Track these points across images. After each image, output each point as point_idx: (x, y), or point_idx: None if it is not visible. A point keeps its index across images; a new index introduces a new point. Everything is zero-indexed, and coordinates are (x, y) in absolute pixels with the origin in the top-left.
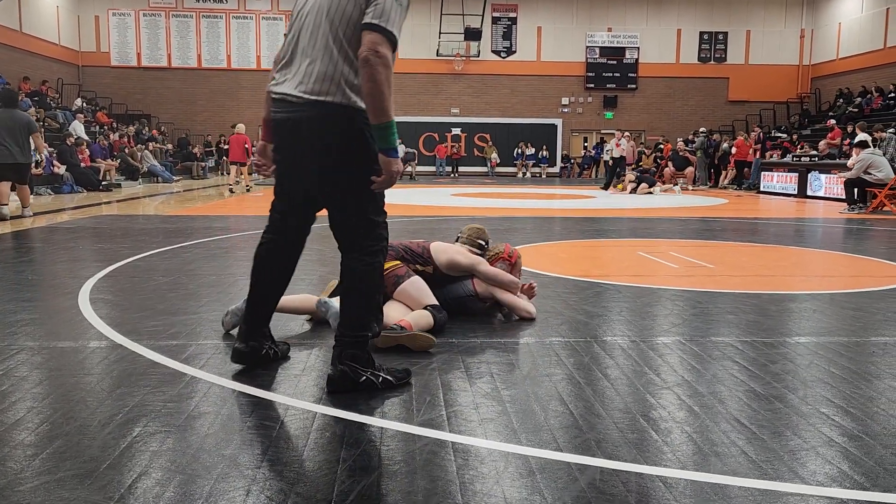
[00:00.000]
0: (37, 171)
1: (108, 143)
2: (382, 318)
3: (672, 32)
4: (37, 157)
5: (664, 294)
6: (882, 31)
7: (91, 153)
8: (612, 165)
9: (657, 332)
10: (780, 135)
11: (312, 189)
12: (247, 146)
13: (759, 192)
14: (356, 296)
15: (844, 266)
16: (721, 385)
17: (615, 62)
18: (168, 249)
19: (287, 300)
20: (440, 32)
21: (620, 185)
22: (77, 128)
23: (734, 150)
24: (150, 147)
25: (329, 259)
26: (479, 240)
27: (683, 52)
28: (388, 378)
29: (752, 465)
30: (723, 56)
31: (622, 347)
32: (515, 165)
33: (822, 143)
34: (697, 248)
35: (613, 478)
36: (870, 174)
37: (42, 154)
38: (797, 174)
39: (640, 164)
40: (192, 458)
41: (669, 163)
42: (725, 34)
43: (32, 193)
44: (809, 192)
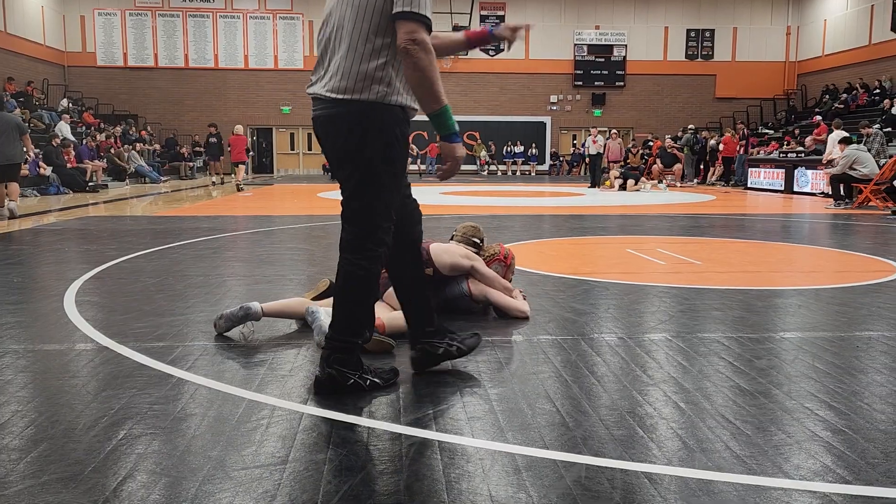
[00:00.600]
0: (23, 173)
1: (95, 144)
2: (374, 324)
3: (659, 30)
4: (24, 157)
5: (651, 291)
6: (867, 28)
7: (78, 154)
8: (590, 163)
9: (644, 329)
10: (767, 131)
11: (341, 183)
12: (247, 147)
13: (747, 189)
14: (349, 300)
15: (830, 261)
16: (707, 381)
17: (603, 60)
18: (155, 250)
19: (282, 304)
20: None
21: (608, 182)
22: (63, 129)
23: (721, 147)
24: (137, 147)
25: (318, 259)
26: (475, 238)
27: (671, 50)
28: (376, 381)
29: (737, 461)
30: (710, 53)
31: (609, 344)
32: (505, 164)
33: (809, 140)
34: (685, 245)
35: (599, 475)
36: (855, 170)
37: (30, 155)
38: (784, 170)
39: (628, 162)
40: (178, 461)
41: (657, 160)
42: (712, 31)
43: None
44: (796, 188)
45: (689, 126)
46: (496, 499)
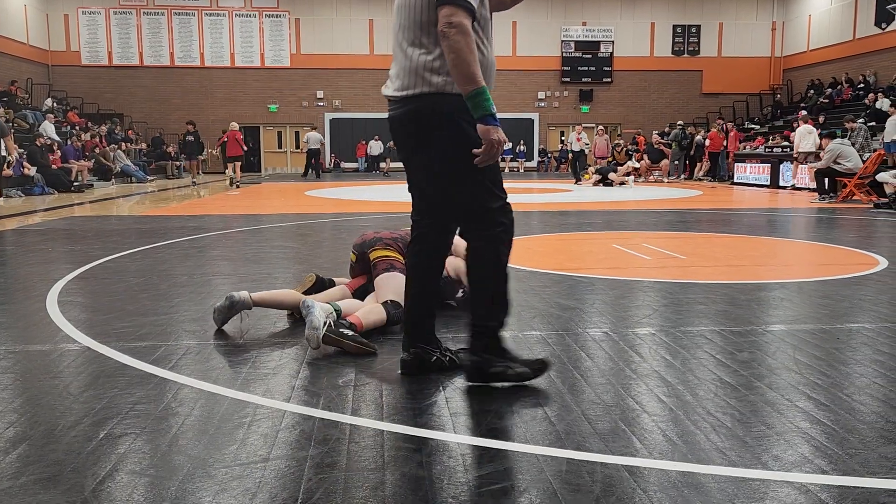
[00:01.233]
0: (7, 173)
1: (81, 144)
2: (509, 307)
3: (646, 26)
4: (8, 159)
5: (637, 286)
6: (851, 23)
7: (63, 154)
8: (572, 159)
9: (629, 324)
10: (753, 126)
11: (422, 182)
12: (237, 138)
13: (733, 184)
14: (480, 286)
15: (814, 255)
16: (690, 374)
17: (590, 56)
18: (140, 250)
19: (273, 294)
20: None
21: (587, 175)
22: (47, 128)
23: (708, 143)
24: (123, 147)
25: (305, 256)
26: None
27: (657, 46)
28: (524, 370)
29: (718, 453)
30: (696, 49)
31: (594, 339)
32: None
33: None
34: (671, 240)
35: (580, 468)
36: (839, 164)
37: (13, 156)
38: (769, 165)
39: (615, 158)
40: (160, 460)
41: (644, 155)
42: (698, 27)
43: (2, 196)
44: (782, 183)
45: (678, 122)
46: (477, 494)
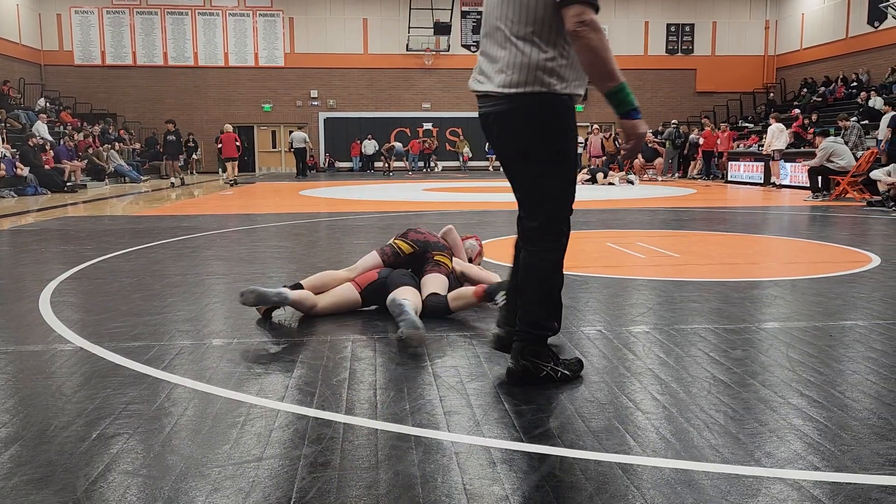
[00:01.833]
0: None
1: (74, 144)
2: (561, 314)
3: (640, 25)
4: None
5: (631, 284)
6: (843, 22)
7: (56, 154)
8: None
9: (623, 322)
10: (747, 124)
11: (522, 178)
12: (237, 143)
13: (727, 182)
14: (536, 292)
15: (807, 253)
16: (684, 372)
17: None
18: (133, 250)
19: (327, 298)
20: (409, 27)
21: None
22: (40, 128)
23: (701, 141)
24: (117, 147)
25: (299, 256)
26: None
27: (651, 44)
28: (566, 372)
29: (711, 450)
30: (690, 48)
31: (588, 337)
32: (488, 159)
33: (788, 132)
34: (665, 238)
35: (573, 466)
36: (832, 162)
37: None
38: (763, 163)
39: (608, 151)
40: (153, 460)
41: (638, 154)
42: (692, 26)
43: None
44: (775, 181)
45: (672, 121)
46: (471, 492)
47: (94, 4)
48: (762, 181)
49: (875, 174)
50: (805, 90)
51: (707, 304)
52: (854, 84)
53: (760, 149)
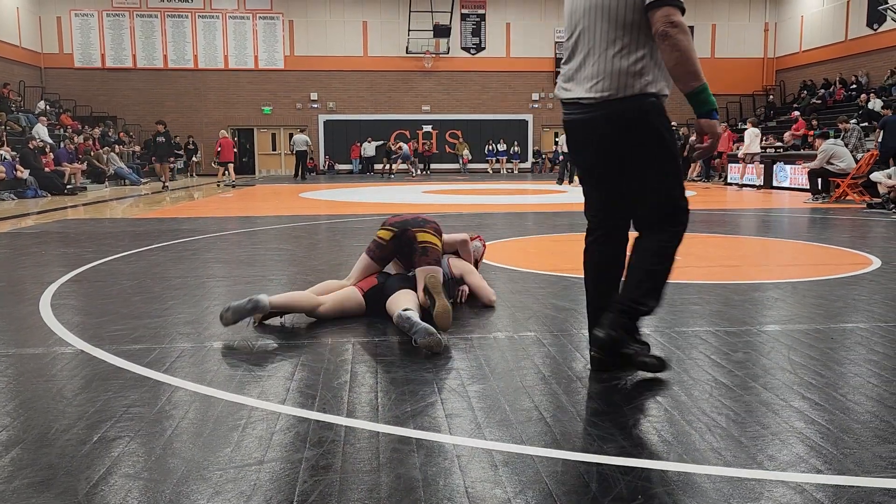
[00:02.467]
0: None
1: (74, 147)
2: (661, 300)
3: None
4: None
5: None
6: (843, 24)
7: (56, 157)
8: (563, 160)
9: None
10: (746, 127)
11: (616, 182)
12: (235, 150)
13: (727, 184)
14: (644, 273)
15: (807, 255)
16: (685, 375)
17: None
18: (134, 253)
19: (287, 297)
20: (409, 30)
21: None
22: (40, 131)
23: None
24: (117, 150)
25: (300, 259)
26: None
27: None
28: (646, 360)
29: (713, 453)
30: None
31: (589, 340)
32: (488, 162)
33: (787, 134)
34: None
35: (575, 469)
36: (832, 164)
37: None
38: (763, 165)
39: None
40: (154, 463)
41: None
42: (691, 28)
43: None
44: (775, 183)
45: (673, 123)
46: (472, 495)
47: (94, 7)
48: (762, 183)
49: (875, 176)
50: (804, 92)
51: (708, 307)
52: (853, 86)
53: (771, 152)
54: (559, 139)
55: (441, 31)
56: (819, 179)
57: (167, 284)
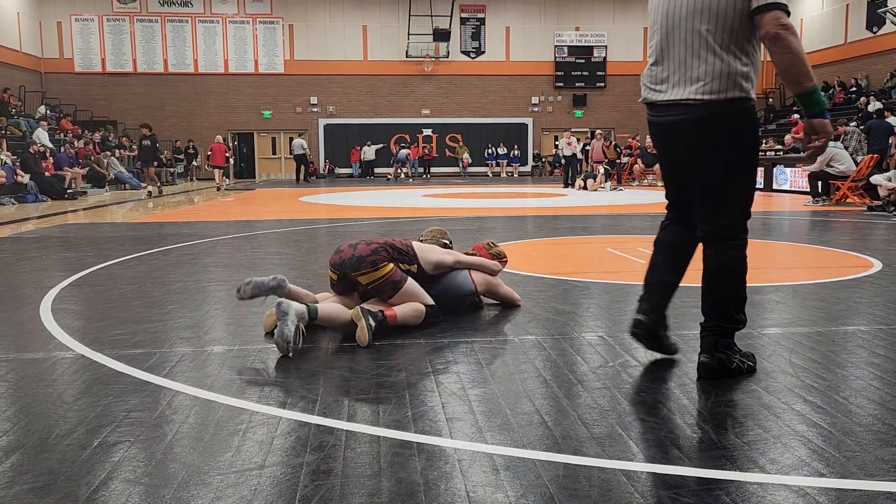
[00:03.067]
0: None
1: (74, 151)
2: (744, 308)
3: (639, 31)
4: None
5: (632, 290)
6: (842, 27)
7: (57, 161)
8: (565, 164)
9: (624, 328)
10: None
11: (704, 180)
12: (227, 154)
13: None
14: (724, 288)
15: (808, 257)
16: (686, 378)
17: (584, 61)
18: (134, 257)
19: (303, 291)
20: (409, 34)
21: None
22: (41, 136)
23: None
24: (117, 154)
25: (300, 263)
26: (444, 240)
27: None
28: (750, 363)
29: (715, 456)
30: None
31: (590, 343)
32: (488, 165)
33: (788, 137)
34: None
35: (576, 473)
36: (832, 167)
37: None
38: (763, 168)
39: (608, 157)
40: (154, 468)
41: (638, 160)
42: None
43: None
44: (775, 186)
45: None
46: (474, 499)
47: (95, 12)
48: (762, 186)
49: (875, 179)
50: None
51: None
52: (853, 89)
53: (770, 154)
54: (559, 142)
55: (441, 36)
56: (819, 182)
57: (167, 289)
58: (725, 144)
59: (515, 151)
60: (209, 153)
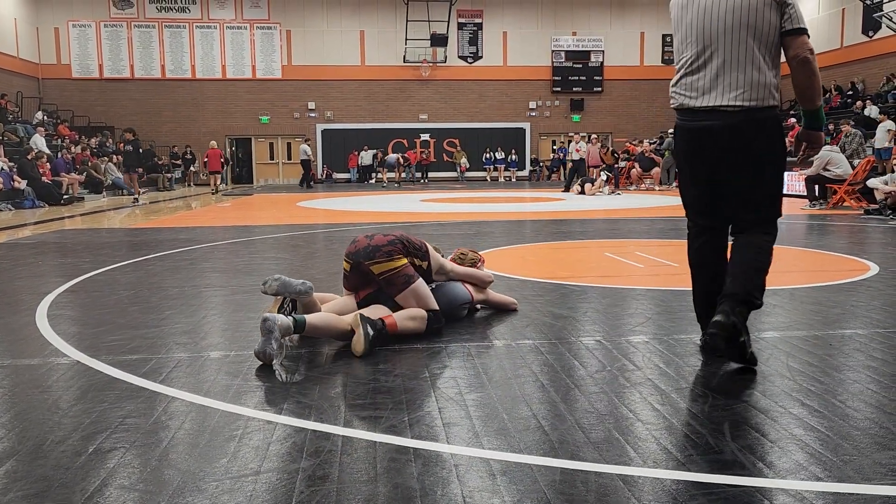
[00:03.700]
0: None
1: (72, 157)
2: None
3: (636, 35)
4: None
5: (629, 294)
6: (838, 32)
7: (54, 167)
8: (572, 168)
9: (622, 332)
10: None
11: (734, 184)
12: (222, 160)
13: None
14: (762, 265)
15: (805, 261)
16: (684, 382)
17: (581, 65)
18: (130, 263)
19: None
20: (406, 39)
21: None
22: (38, 141)
23: None
24: (114, 160)
25: (297, 268)
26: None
27: (647, 55)
28: (753, 353)
29: (712, 460)
30: None
31: (587, 348)
32: (486, 170)
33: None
34: (663, 248)
35: (573, 478)
36: (829, 171)
37: None
38: None
39: (605, 163)
40: (150, 474)
41: (636, 164)
42: None
43: None
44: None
45: (669, 131)
46: None
47: (92, 18)
48: None
49: (872, 182)
50: None
51: None
52: (850, 93)
53: None
54: (568, 147)
55: (438, 41)
56: (816, 186)
57: (164, 294)
58: (760, 149)
59: (513, 156)
60: (206, 160)
